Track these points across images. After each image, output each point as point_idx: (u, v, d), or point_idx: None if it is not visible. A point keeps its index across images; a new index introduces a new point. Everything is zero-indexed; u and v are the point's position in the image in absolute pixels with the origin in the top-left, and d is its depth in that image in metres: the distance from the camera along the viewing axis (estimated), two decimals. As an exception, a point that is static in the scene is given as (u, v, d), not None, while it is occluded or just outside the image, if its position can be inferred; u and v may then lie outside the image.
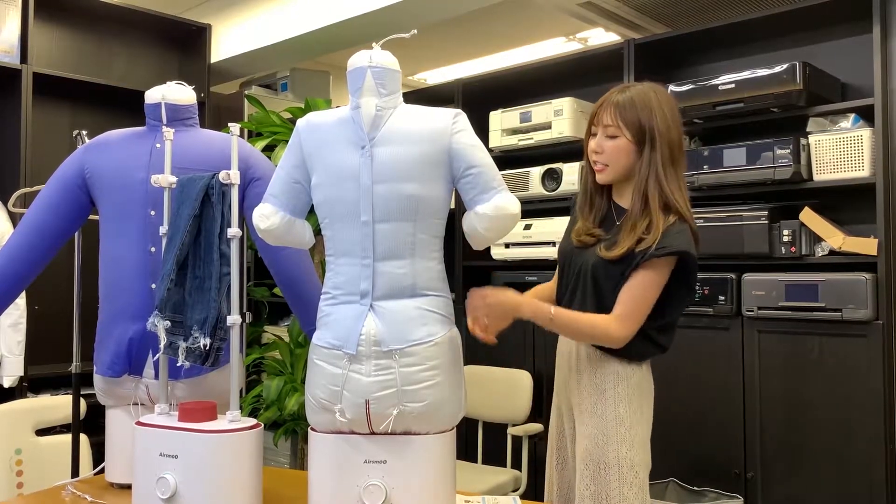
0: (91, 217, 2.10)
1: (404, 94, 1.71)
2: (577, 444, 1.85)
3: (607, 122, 1.83)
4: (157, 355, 1.83)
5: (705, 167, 2.85)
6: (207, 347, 1.69)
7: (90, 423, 2.73)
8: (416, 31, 1.78)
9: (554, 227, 3.32)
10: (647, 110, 1.81)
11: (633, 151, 1.83)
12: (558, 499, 1.93)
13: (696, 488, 2.79)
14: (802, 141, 2.67)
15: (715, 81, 2.83)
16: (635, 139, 1.82)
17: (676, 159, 1.84)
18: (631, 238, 1.79)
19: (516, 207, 1.66)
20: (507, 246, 3.50)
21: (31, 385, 3.41)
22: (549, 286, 2.08)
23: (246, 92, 4.53)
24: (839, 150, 2.61)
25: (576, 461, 1.86)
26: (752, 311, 2.71)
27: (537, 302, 1.78)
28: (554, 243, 3.31)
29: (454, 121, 1.64)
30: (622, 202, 1.91)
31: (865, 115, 2.64)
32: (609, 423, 1.80)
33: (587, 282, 1.85)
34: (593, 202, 1.93)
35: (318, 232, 1.76)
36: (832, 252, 2.64)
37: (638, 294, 1.77)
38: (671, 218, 1.80)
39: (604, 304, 1.81)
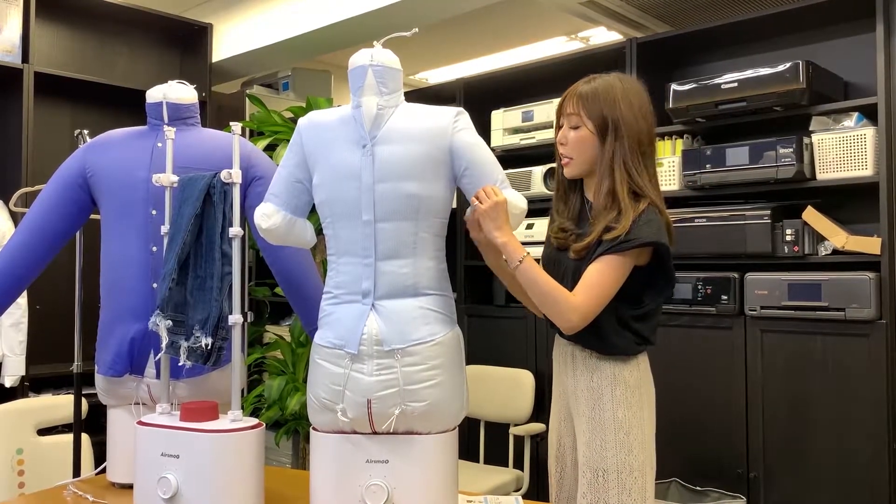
0: (92, 216, 2.10)
1: (406, 94, 1.71)
2: (578, 451, 1.80)
3: (570, 111, 1.77)
4: (159, 355, 1.83)
5: (708, 166, 2.84)
6: (209, 347, 1.69)
7: (92, 423, 2.73)
8: (416, 29, 1.78)
9: (556, 227, 3.31)
10: (610, 101, 1.74)
11: (595, 143, 1.75)
12: (567, 501, 1.87)
13: (698, 488, 2.78)
14: (805, 140, 2.66)
15: (717, 80, 2.82)
16: (598, 130, 1.74)
17: (645, 152, 1.76)
18: (597, 229, 1.71)
19: (523, 203, 1.66)
20: (508, 245, 3.49)
21: (32, 385, 3.41)
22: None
23: (247, 91, 4.53)
24: (842, 149, 2.60)
25: (576, 468, 1.82)
26: (755, 310, 2.70)
27: (518, 243, 1.67)
28: (556, 243, 3.30)
29: (456, 119, 1.64)
30: (592, 197, 1.82)
31: (869, 113, 2.63)
32: (607, 428, 1.73)
33: (569, 285, 1.72)
34: (567, 198, 1.86)
35: (319, 231, 1.76)
36: (835, 251, 2.63)
37: (594, 281, 1.67)
38: (641, 205, 1.71)
39: None
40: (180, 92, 2.05)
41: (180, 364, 1.75)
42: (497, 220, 1.63)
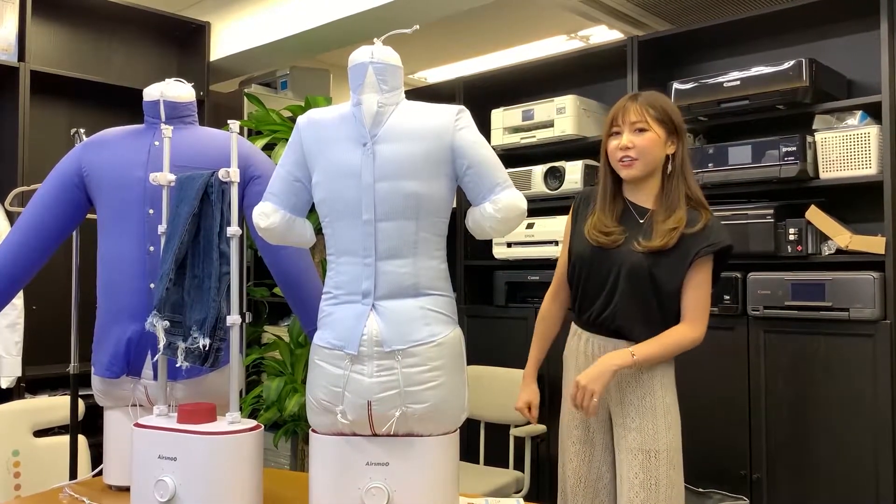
0: (89, 216, 2.08)
1: (405, 93, 1.68)
2: (621, 437, 1.95)
3: (634, 118, 1.93)
4: (156, 356, 1.81)
5: (710, 165, 2.82)
6: (207, 348, 1.66)
7: (88, 425, 2.71)
8: (417, 26, 1.76)
9: (556, 226, 3.29)
10: (669, 106, 1.97)
11: (661, 143, 1.94)
12: (584, 488, 2.02)
13: (701, 490, 2.76)
14: (808, 138, 2.64)
15: (720, 79, 2.80)
16: (666, 131, 1.94)
17: (688, 153, 2.02)
18: (672, 225, 1.90)
19: (523, 204, 1.64)
20: (509, 245, 3.48)
21: (28, 386, 3.38)
22: (552, 310, 2.21)
23: (245, 90, 4.50)
24: (846, 148, 2.59)
25: (617, 451, 1.97)
26: (758, 310, 2.68)
27: (616, 353, 1.88)
28: (557, 242, 3.29)
29: (457, 117, 1.62)
30: (640, 201, 2.00)
31: (872, 112, 2.61)
32: (658, 413, 1.93)
33: (639, 279, 1.92)
34: (612, 202, 2.02)
35: (318, 231, 1.74)
36: (839, 251, 2.61)
37: (703, 294, 1.93)
38: (704, 212, 1.94)
39: (663, 294, 1.92)
40: (178, 90, 2.03)
41: (178, 365, 1.72)
42: (597, 382, 1.84)
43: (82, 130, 2.38)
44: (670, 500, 1.90)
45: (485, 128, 3.53)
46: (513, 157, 3.57)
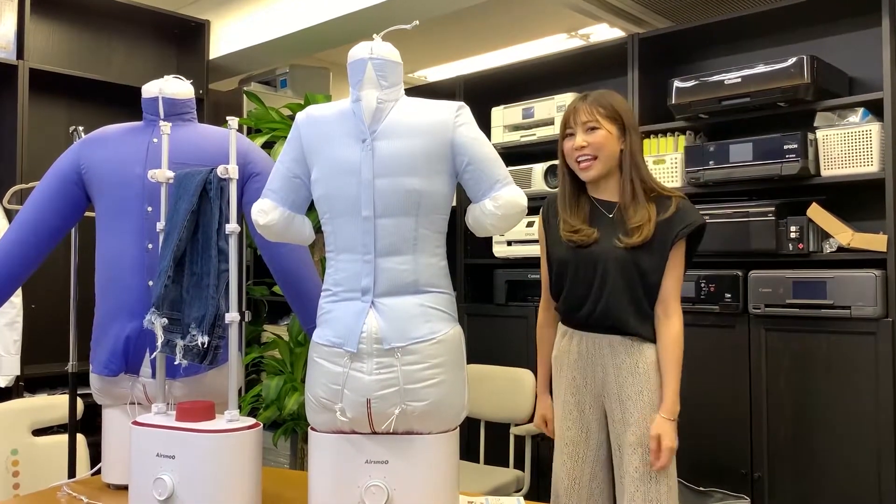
0: (88, 214, 2.07)
1: (405, 91, 1.67)
2: (620, 432, 1.94)
3: (585, 118, 1.95)
4: (154, 353, 1.80)
5: (711, 163, 2.81)
6: (205, 345, 1.66)
7: (87, 423, 2.70)
8: (417, 21, 1.75)
9: (557, 224, 3.29)
10: (617, 102, 1.98)
11: (615, 139, 1.95)
12: (579, 490, 2.01)
13: (702, 489, 2.75)
14: (810, 136, 2.63)
15: (721, 76, 2.79)
16: (618, 128, 1.95)
17: (641, 145, 2.04)
18: (639, 222, 1.91)
19: (523, 201, 1.63)
20: (509, 243, 3.47)
21: (27, 384, 3.37)
22: (548, 318, 2.21)
23: (245, 88, 4.49)
24: (847, 145, 2.58)
25: (617, 446, 1.96)
26: (759, 308, 2.67)
27: (666, 406, 1.90)
28: (557, 240, 3.27)
29: (457, 113, 1.62)
30: (605, 196, 2.01)
31: (874, 109, 2.60)
32: (656, 407, 1.92)
33: (626, 271, 1.92)
34: (577, 203, 2.02)
35: (318, 229, 1.73)
36: (840, 248, 2.60)
37: (679, 277, 1.96)
38: (673, 197, 1.96)
39: (649, 283, 1.93)
40: (176, 86, 2.02)
41: (176, 363, 1.72)
42: (673, 438, 1.89)
43: (81, 128, 2.37)
44: (669, 491, 1.91)
45: (485, 126, 3.51)
46: (513, 155, 3.56)
